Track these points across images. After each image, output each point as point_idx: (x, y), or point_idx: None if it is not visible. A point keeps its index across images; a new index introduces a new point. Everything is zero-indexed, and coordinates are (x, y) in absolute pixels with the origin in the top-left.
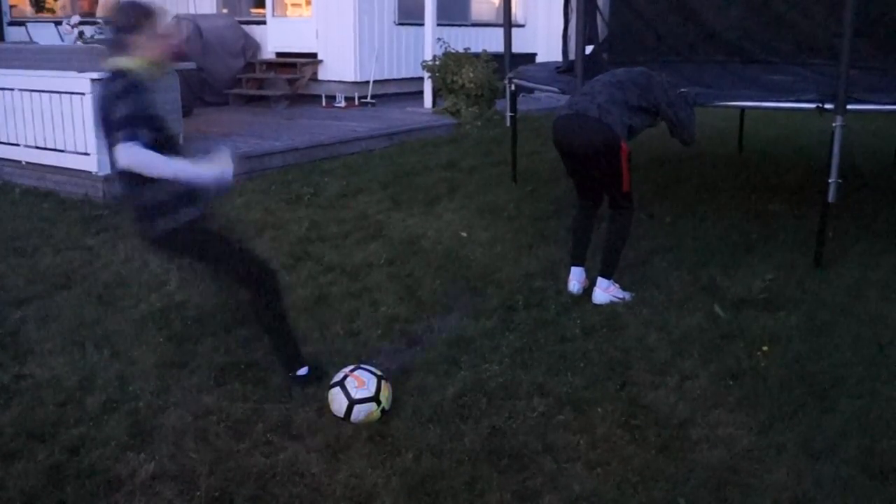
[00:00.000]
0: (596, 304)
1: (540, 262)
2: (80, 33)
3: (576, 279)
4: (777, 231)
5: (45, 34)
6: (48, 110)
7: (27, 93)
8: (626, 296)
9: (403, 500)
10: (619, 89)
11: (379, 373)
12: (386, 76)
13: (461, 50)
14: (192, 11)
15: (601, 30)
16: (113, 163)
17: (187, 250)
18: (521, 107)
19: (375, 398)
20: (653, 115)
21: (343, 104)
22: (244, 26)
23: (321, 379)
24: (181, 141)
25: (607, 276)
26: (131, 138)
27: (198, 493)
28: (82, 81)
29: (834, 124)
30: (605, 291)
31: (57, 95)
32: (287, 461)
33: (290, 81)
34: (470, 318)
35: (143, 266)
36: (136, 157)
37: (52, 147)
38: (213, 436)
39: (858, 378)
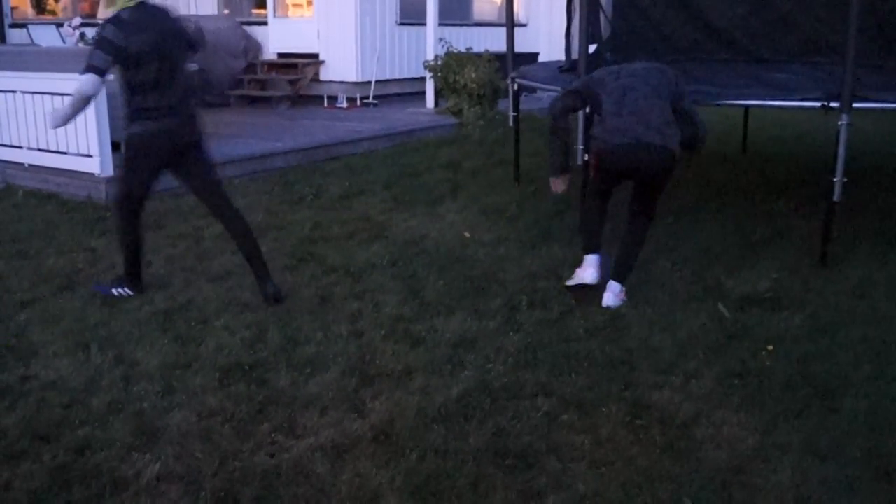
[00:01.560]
0: (605, 307)
1: (543, 262)
2: (82, 35)
3: (597, 267)
4: (782, 230)
5: (46, 36)
6: (50, 112)
7: (29, 95)
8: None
9: (408, 501)
10: (660, 98)
11: None
12: (388, 76)
13: (463, 50)
14: (193, 12)
15: (604, 28)
16: None
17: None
18: (523, 106)
19: None
20: None
21: (345, 105)
22: (245, 27)
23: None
24: None
25: (622, 281)
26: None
27: (203, 494)
28: None
29: (839, 123)
30: (618, 296)
31: (59, 97)
32: (292, 461)
33: (292, 82)
34: (473, 318)
35: (147, 267)
36: None
37: (55, 149)
38: (217, 436)
39: (864, 378)
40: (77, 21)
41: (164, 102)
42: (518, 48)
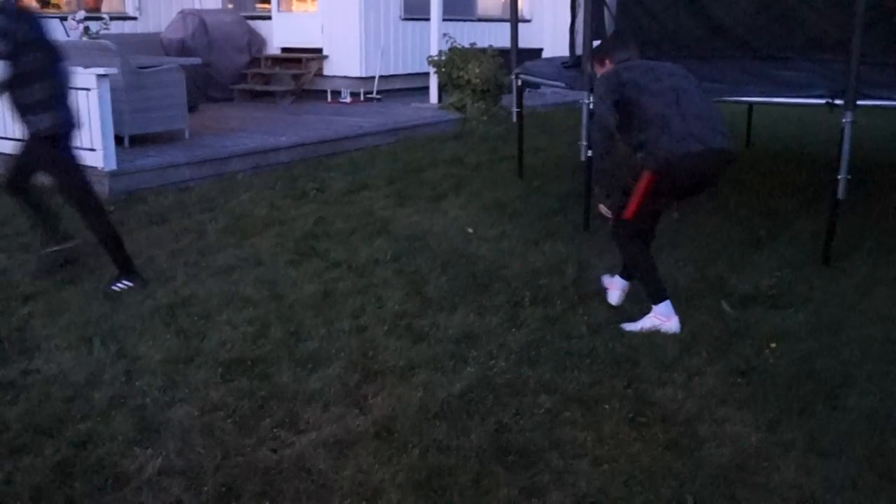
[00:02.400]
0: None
1: (546, 258)
2: (86, 29)
3: (674, 313)
4: (785, 228)
5: (50, 30)
6: None
7: None
8: None
9: (410, 496)
10: (708, 96)
11: None
12: (391, 72)
13: (467, 45)
14: (197, 6)
15: (608, 24)
16: None
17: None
18: (527, 102)
19: None
20: None
21: (348, 100)
22: (249, 21)
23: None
24: (186, 136)
25: (631, 279)
26: None
27: (205, 489)
28: (88, 77)
29: (844, 120)
30: (624, 292)
31: None
32: (294, 457)
33: (296, 77)
34: (476, 314)
35: (149, 261)
36: None
37: None
38: (219, 431)
39: (867, 376)
40: (81, 15)
41: (52, 92)
42: (522, 44)
